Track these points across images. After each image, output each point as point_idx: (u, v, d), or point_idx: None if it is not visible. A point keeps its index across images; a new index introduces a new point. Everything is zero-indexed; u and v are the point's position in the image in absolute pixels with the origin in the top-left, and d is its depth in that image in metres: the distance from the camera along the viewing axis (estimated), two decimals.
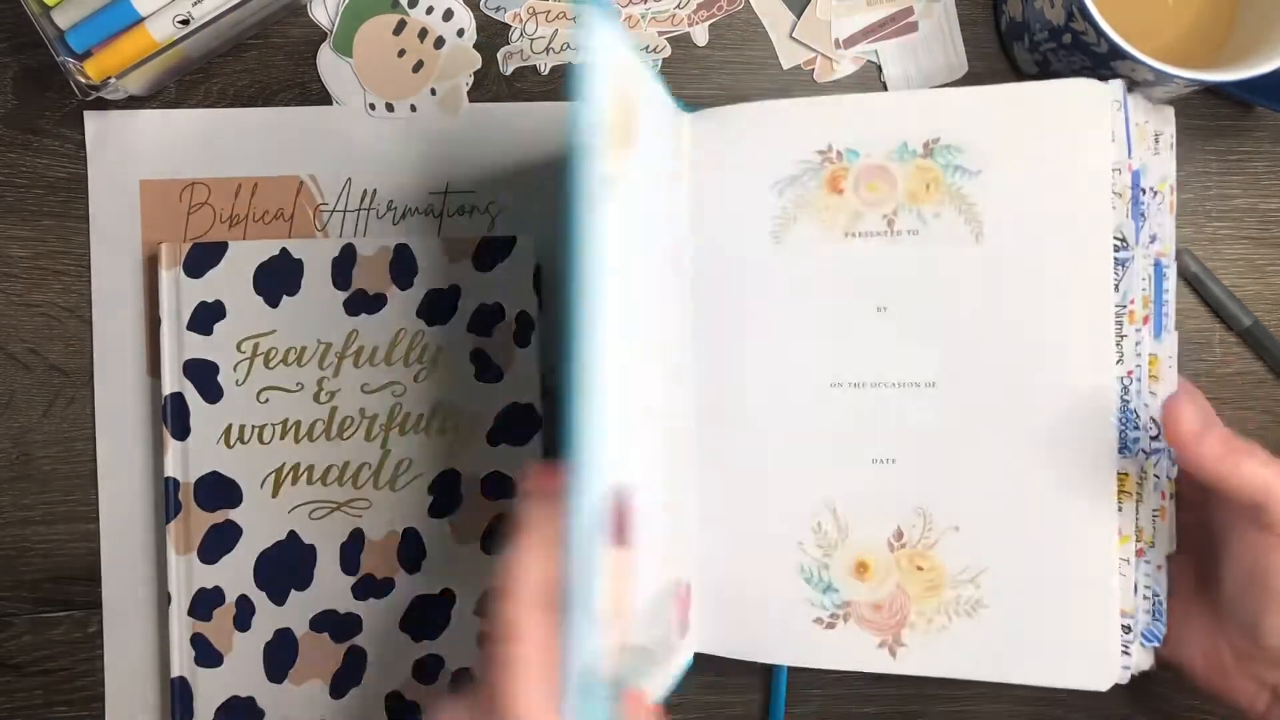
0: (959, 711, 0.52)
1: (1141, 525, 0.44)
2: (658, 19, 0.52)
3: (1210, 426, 0.40)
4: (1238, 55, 0.47)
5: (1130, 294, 0.43)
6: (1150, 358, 0.44)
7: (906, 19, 0.52)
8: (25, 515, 0.51)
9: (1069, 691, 0.51)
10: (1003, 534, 0.44)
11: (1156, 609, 0.44)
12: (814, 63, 0.52)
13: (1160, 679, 0.47)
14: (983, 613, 0.45)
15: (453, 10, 0.52)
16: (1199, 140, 0.53)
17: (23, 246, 0.51)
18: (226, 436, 0.50)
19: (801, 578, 0.46)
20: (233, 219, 0.52)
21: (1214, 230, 0.53)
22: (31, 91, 0.51)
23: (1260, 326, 0.52)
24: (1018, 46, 0.51)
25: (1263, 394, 0.53)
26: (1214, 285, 0.52)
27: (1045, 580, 0.44)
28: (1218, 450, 0.39)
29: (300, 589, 0.50)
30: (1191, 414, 0.40)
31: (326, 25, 0.52)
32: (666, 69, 0.52)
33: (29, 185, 0.51)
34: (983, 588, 0.45)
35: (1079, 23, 0.44)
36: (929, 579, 0.45)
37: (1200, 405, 0.41)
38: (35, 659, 0.51)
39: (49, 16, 0.47)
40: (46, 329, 0.51)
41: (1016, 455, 0.44)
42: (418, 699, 0.50)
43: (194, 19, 0.47)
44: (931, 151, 0.45)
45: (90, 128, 0.51)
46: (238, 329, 0.50)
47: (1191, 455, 0.40)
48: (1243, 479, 0.39)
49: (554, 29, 0.52)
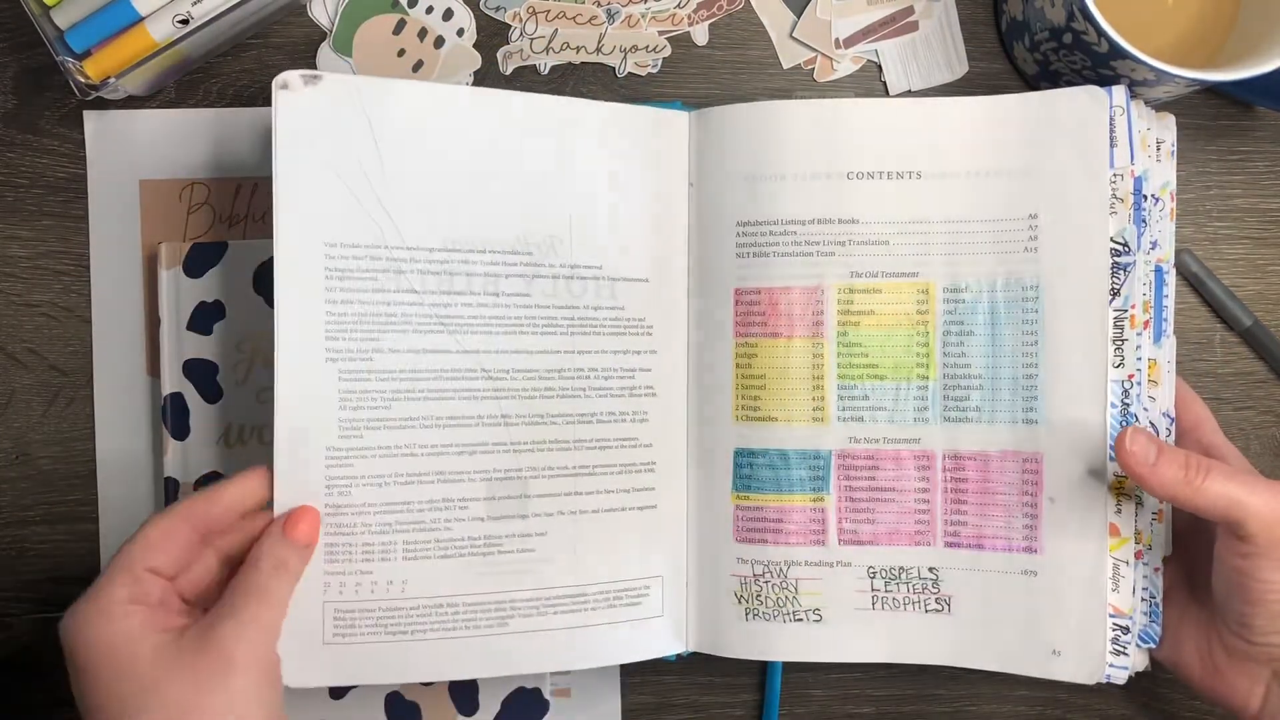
0: (958, 712, 0.52)
1: (1140, 528, 0.44)
2: (658, 19, 0.52)
3: (1162, 454, 0.41)
4: (1238, 55, 0.47)
5: (1131, 299, 0.44)
6: (1150, 362, 0.44)
7: (907, 19, 0.52)
8: (25, 515, 0.51)
9: (1069, 692, 0.52)
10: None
11: (1153, 611, 0.44)
12: (814, 62, 0.52)
13: (1161, 679, 0.48)
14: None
15: (453, 10, 0.52)
16: (1199, 140, 0.53)
17: (23, 246, 0.51)
18: (226, 436, 0.50)
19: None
20: (232, 219, 0.52)
21: (1215, 230, 0.53)
22: (31, 91, 0.51)
23: (1261, 326, 0.52)
24: (1018, 46, 0.51)
25: (1263, 394, 0.53)
26: (1215, 285, 0.52)
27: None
28: (1176, 475, 0.40)
29: None
30: (1141, 445, 0.41)
31: (326, 25, 0.52)
32: (666, 69, 0.52)
33: (29, 185, 0.51)
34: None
35: (1079, 22, 0.44)
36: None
37: (1149, 436, 0.41)
38: (35, 659, 0.51)
39: (49, 16, 0.47)
40: (46, 329, 0.51)
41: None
42: (417, 699, 0.50)
43: (194, 19, 0.47)
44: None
45: (90, 128, 0.51)
46: (238, 329, 0.50)
47: (1151, 486, 0.41)
48: (1206, 498, 0.40)
49: (554, 29, 0.52)
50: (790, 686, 0.52)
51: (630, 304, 0.47)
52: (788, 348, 0.46)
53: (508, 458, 0.45)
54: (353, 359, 0.43)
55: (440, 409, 0.44)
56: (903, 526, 0.46)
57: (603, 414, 0.46)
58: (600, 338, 0.46)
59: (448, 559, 0.44)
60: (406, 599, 0.44)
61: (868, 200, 0.46)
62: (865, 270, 0.46)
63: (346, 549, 0.43)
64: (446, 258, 0.44)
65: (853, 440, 0.46)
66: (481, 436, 0.45)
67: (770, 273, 0.47)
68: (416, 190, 0.44)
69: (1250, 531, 0.40)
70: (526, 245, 0.45)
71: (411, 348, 0.44)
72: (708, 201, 0.48)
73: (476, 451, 0.45)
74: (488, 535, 0.45)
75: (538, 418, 0.45)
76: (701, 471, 0.48)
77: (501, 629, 0.45)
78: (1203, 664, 0.44)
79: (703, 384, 0.48)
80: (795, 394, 0.46)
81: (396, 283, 0.43)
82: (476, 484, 0.45)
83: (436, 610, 0.44)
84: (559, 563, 0.46)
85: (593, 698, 0.51)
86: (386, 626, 0.43)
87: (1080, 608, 0.44)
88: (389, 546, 0.43)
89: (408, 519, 0.44)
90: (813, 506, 0.46)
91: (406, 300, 0.44)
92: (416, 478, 0.44)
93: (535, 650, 0.45)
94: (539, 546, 0.45)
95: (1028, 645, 0.44)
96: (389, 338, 0.43)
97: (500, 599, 0.45)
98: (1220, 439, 0.46)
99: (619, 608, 0.46)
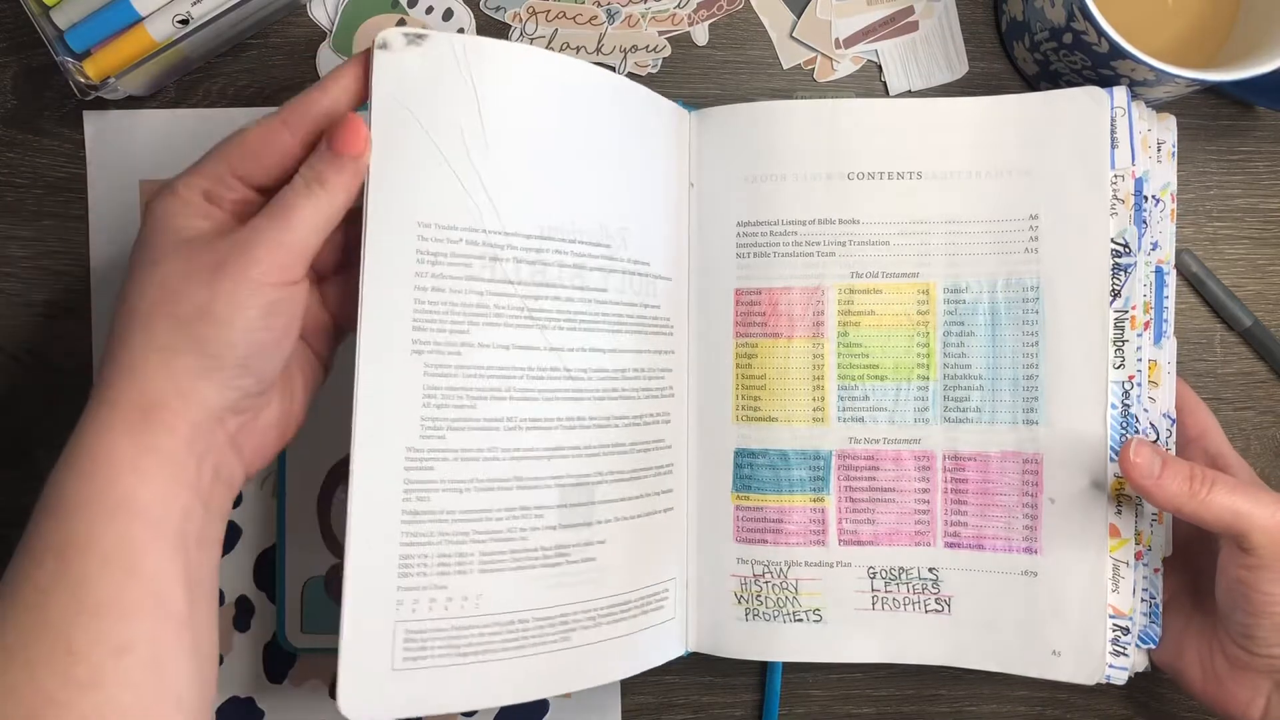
0: (958, 712, 0.52)
1: (1140, 529, 0.44)
2: (658, 19, 0.52)
3: (1167, 466, 0.41)
4: (1238, 55, 0.47)
5: (1132, 299, 0.44)
6: (1150, 363, 0.44)
7: (907, 19, 0.52)
8: (25, 516, 0.51)
9: (1069, 692, 0.52)
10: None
11: (1153, 611, 0.44)
12: (814, 62, 0.52)
13: (1160, 680, 0.48)
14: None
15: (453, 10, 0.52)
16: (1199, 140, 0.53)
17: (23, 246, 0.51)
18: None
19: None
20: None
21: (1215, 230, 0.53)
22: (31, 91, 0.51)
23: (1261, 326, 0.52)
24: (1018, 46, 0.51)
25: (1263, 394, 0.53)
26: (1215, 285, 0.52)
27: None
28: (1180, 488, 0.40)
29: None
30: (1146, 457, 0.41)
31: (326, 25, 0.52)
32: (666, 69, 0.52)
33: (29, 185, 0.51)
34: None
35: (1080, 22, 0.44)
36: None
37: (1152, 448, 0.41)
38: None
39: (48, 16, 0.47)
40: (46, 329, 0.51)
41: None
42: None
43: (194, 19, 0.47)
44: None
45: (90, 128, 0.51)
46: None
47: (1156, 498, 0.41)
48: (1210, 511, 0.40)
49: (554, 29, 0.52)
50: (790, 686, 0.52)
51: (663, 303, 0.46)
52: (788, 348, 0.46)
53: (579, 463, 0.42)
54: (440, 352, 0.39)
55: (525, 410, 0.41)
56: (903, 527, 0.46)
57: (646, 416, 0.45)
58: (646, 336, 0.45)
59: (521, 570, 0.41)
60: (480, 615, 0.40)
61: (868, 200, 0.46)
62: (866, 270, 0.46)
63: (422, 561, 0.39)
64: (541, 245, 0.41)
65: (853, 441, 0.46)
66: (558, 440, 0.42)
67: (770, 273, 0.47)
68: (518, 168, 0.41)
69: (1254, 544, 0.40)
70: (607, 237, 0.43)
71: (501, 342, 0.40)
72: (708, 201, 0.48)
73: (554, 457, 0.42)
74: (559, 545, 0.42)
75: (605, 420, 0.43)
76: (702, 471, 0.48)
77: (564, 644, 0.42)
78: (1204, 673, 0.44)
79: (704, 384, 0.48)
80: (795, 394, 0.46)
81: (491, 270, 0.40)
82: (552, 491, 0.42)
83: (508, 627, 0.40)
84: (615, 571, 0.44)
85: (593, 698, 0.51)
86: (458, 647, 0.39)
87: (1080, 608, 0.44)
88: (466, 558, 0.40)
89: (486, 528, 0.40)
90: (813, 507, 0.46)
91: (500, 290, 0.40)
92: (497, 483, 0.40)
93: (594, 663, 0.43)
94: (599, 555, 0.43)
95: (1028, 645, 0.44)
96: (479, 331, 0.40)
97: (564, 612, 0.42)
98: (1226, 448, 0.46)
99: (649, 613, 0.45)
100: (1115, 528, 0.44)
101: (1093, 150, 0.44)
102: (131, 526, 0.35)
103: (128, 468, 0.35)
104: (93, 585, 0.34)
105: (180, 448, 0.36)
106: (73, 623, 0.33)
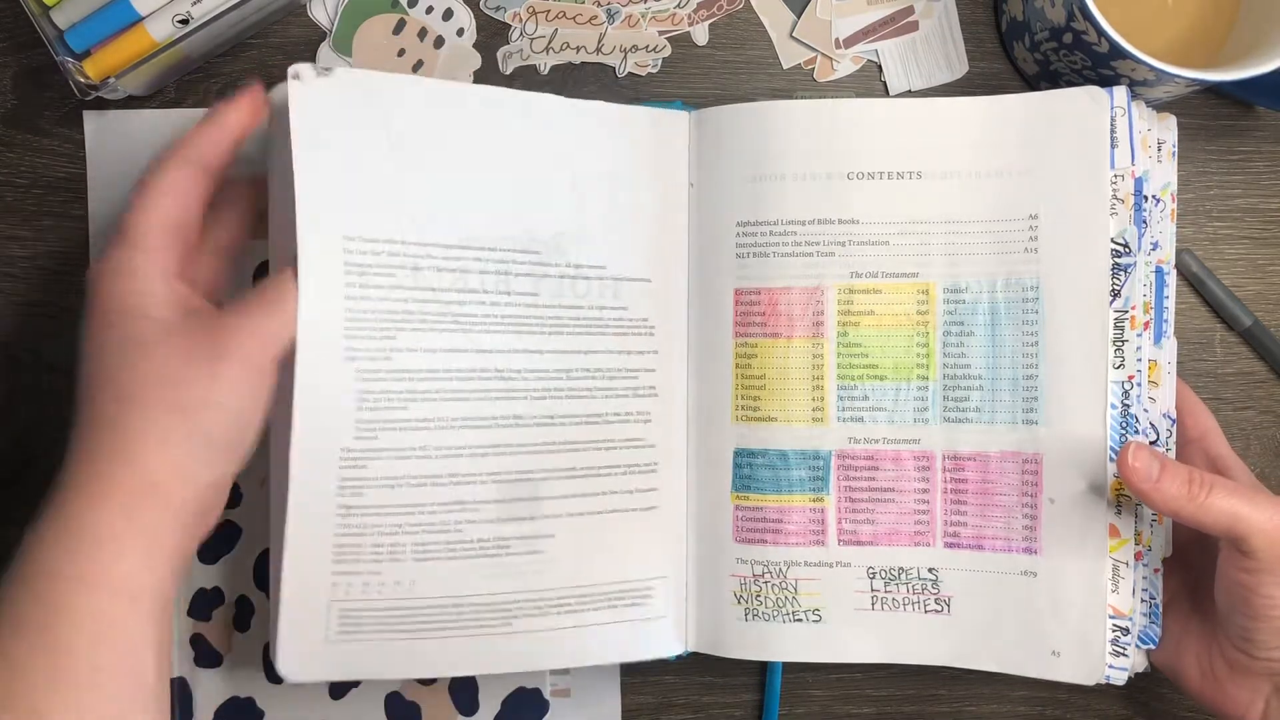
0: (958, 712, 0.52)
1: (1140, 529, 0.44)
2: (658, 19, 0.52)
3: (1165, 470, 0.41)
4: (1238, 55, 0.47)
5: (1132, 299, 0.44)
6: (1150, 363, 0.44)
7: (907, 18, 0.52)
8: (26, 516, 0.51)
9: (1069, 692, 0.52)
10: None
11: (1153, 612, 0.44)
12: (814, 62, 0.52)
13: (1161, 681, 0.48)
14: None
15: (453, 10, 0.52)
16: (1200, 140, 0.52)
17: (23, 246, 0.51)
18: None
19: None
20: None
21: (1215, 230, 0.53)
22: (31, 91, 0.51)
23: (1261, 326, 0.52)
24: (1018, 46, 0.51)
25: (1263, 394, 0.53)
26: (1215, 285, 0.52)
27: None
28: (1179, 491, 0.40)
29: None
30: (1144, 461, 0.41)
31: (326, 25, 0.52)
32: (666, 69, 0.52)
33: (29, 185, 0.51)
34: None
35: (1080, 22, 0.44)
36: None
37: (1151, 451, 0.41)
38: None
39: (48, 16, 0.47)
40: (46, 329, 0.51)
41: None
42: (417, 699, 0.50)
43: (194, 19, 0.47)
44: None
45: (90, 127, 0.51)
46: None
47: (1154, 502, 0.41)
48: (1209, 514, 0.40)
49: (554, 28, 0.52)
50: (790, 686, 0.52)
51: (633, 304, 0.47)
52: (788, 348, 0.46)
53: (519, 459, 0.45)
54: (372, 358, 0.42)
55: (455, 410, 0.43)
56: (902, 527, 0.46)
57: (609, 415, 0.46)
58: (605, 338, 0.46)
59: (457, 560, 0.44)
60: (414, 598, 0.43)
61: (868, 200, 0.46)
62: (865, 270, 0.46)
63: (355, 550, 0.42)
64: (461, 254, 0.44)
65: (852, 440, 0.46)
66: (494, 438, 0.44)
67: (770, 273, 0.47)
68: (431, 186, 0.43)
69: (1253, 547, 0.40)
70: (535, 244, 0.45)
71: (428, 347, 0.43)
72: (708, 201, 0.48)
73: (489, 453, 0.44)
74: (498, 537, 0.44)
75: (547, 419, 0.45)
76: (701, 471, 0.48)
77: (506, 629, 0.44)
78: (1202, 675, 0.44)
79: (703, 384, 0.48)
80: (795, 394, 0.46)
81: (414, 279, 0.43)
82: (489, 486, 0.44)
83: (443, 610, 0.43)
84: (565, 564, 0.45)
85: (593, 698, 0.51)
86: (391, 625, 0.43)
87: (1080, 608, 0.44)
88: (399, 547, 0.43)
89: (419, 521, 0.43)
90: (812, 507, 0.46)
91: (423, 298, 0.43)
92: (430, 479, 0.43)
93: (539, 649, 0.45)
94: (547, 548, 0.45)
95: (1027, 646, 0.44)
96: (406, 336, 0.42)
97: (507, 599, 0.44)
98: (1226, 450, 0.46)
99: (620, 608, 0.46)
100: (1115, 528, 0.44)
101: (1092, 150, 0.44)
102: (116, 602, 0.36)
103: (117, 544, 0.37)
104: (74, 658, 0.35)
105: (171, 522, 0.38)
106: (49, 697, 0.35)
